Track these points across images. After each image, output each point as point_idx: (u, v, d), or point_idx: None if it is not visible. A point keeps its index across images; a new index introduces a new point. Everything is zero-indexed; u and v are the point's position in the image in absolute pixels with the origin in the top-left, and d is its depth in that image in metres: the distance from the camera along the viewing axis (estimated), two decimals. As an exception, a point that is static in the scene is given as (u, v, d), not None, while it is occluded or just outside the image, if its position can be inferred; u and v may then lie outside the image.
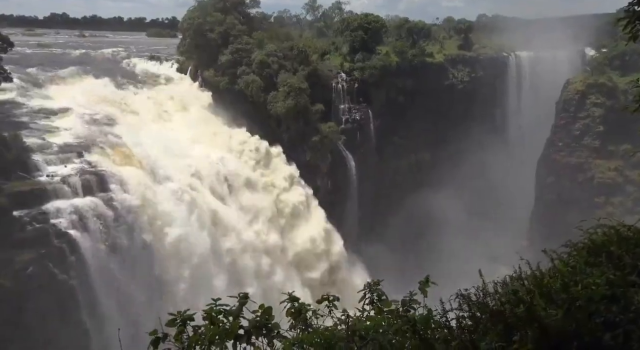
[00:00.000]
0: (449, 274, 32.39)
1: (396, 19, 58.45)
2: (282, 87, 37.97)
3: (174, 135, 33.76)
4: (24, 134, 26.24)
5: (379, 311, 4.73)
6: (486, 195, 48.17)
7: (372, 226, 42.10)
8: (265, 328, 4.16)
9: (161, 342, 3.77)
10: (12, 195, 22.63)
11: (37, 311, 21.60)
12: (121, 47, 55.19)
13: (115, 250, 24.79)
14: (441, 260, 40.53)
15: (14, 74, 28.19)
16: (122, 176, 26.62)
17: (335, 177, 41.54)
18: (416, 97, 47.41)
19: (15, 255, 21.58)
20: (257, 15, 45.57)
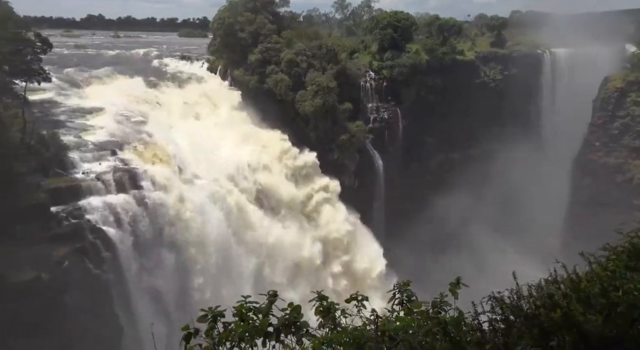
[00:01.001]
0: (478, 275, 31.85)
1: (426, 17, 57.68)
2: (310, 85, 38.04)
3: (203, 134, 34.30)
4: (61, 132, 27.15)
5: (409, 312, 4.66)
6: (518, 195, 47.00)
7: (400, 226, 41.66)
8: (294, 326, 4.16)
9: (193, 338, 3.81)
10: (50, 192, 23.46)
11: (73, 304, 22.33)
12: (154, 47, 56.52)
13: (146, 246, 25.40)
14: (471, 261, 39.84)
15: (53, 74, 29.23)
16: (153, 174, 27.23)
17: (363, 176, 41.37)
18: (446, 95, 46.68)
19: (52, 250, 22.37)
20: (286, 15, 45.80)
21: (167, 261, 26.31)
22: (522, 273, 5.06)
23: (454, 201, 43.66)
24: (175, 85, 39.50)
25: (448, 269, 37.00)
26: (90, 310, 22.92)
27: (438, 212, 43.44)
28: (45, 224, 22.63)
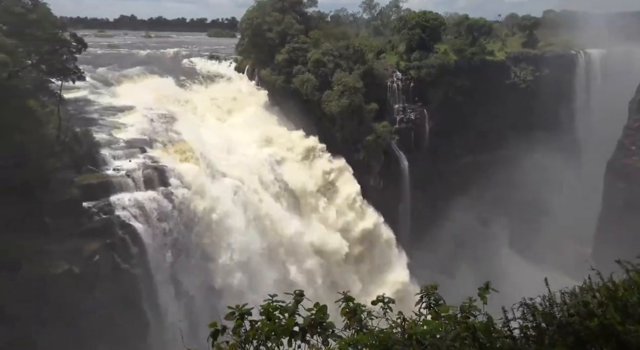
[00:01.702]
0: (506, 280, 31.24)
1: (455, 17, 56.94)
2: (336, 86, 38.01)
3: (230, 133, 34.69)
4: (93, 129, 27.85)
5: (436, 316, 4.59)
6: (548, 198, 45.86)
7: (425, 227, 41.21)
8: (320, 326, 4.15)
9: (220, 335, 3.85)
10: (83, 188, 24.11)
11: (102, 298, 22.91)
12: (183, 47, 57.42)
13: (173, 242, 25.84)
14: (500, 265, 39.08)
15: (87, 73, 30.07)
16: (180, 171, 27.67)
17: (388, 177, 41.09)
18: (475, 96, 45.94)
19: (84, 244, 23.00)
20: (314, 15, 45.88)
21: (193, 257, 26.70)
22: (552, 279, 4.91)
23: (481, 203, 42.96)
24: (204, 85, 40.07)
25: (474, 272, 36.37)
26: (118, 304, 23.45)
27: (464, 214, 42.81)
28: (77, 219, 23.27)
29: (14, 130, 21.15)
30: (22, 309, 20.11)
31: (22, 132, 21.57)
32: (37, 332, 20.42)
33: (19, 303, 20.10)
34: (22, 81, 23.12)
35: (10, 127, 20.99)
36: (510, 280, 33.66)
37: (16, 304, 20.01)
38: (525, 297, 4.41)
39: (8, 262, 20.26)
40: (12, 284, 20.21)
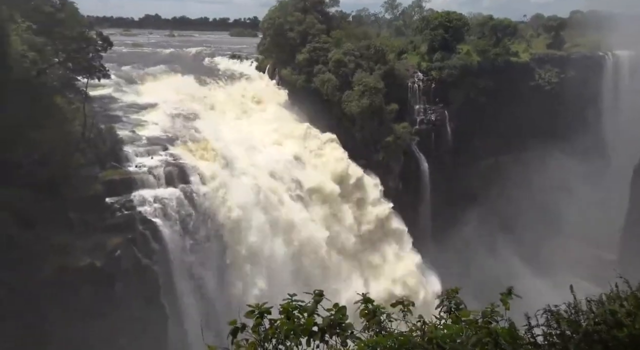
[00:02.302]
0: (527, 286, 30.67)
1: (479, 17, 56.20)
2: (357, 86, 37.90)
3: (251, 131, 34.93)
4: (117, 127, 28.42)
5: (457, 320, 4.53)
6: (571, 202, 44.80)
7: (445, 229, 40.76)
8: (339, 327, 4.13)
9: (240, 332, 3.87)
10: (106, 184, 24.61)
11: (123, 292, 23.35)
12: (205, 46, 58.06)
13: (192, 239, 26.17)
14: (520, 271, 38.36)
15: (112, 72, 30.60)
16: (201, 169, 28.00)
17: (408, 178, 40.81)
18: (498, 98, 45.23)
19: (106, 239, 23.46)
20: (335, 14, 45.84)
21: (211, 254, 26.98)
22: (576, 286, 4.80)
23: (502, 206, 42.28)
24: (225, 84, 40.44)
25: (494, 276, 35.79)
26: (138, 298, 23.87)
27: (485, 217, 42.20)
28: (100, 215, 23.73)
29: (41, 126, 21.68)
30: (44, 302, 20.57)
31: (49, 128, 22.10)
32: (58, 324, 20.88)
33: (41, 296, 20.56)
34: (49, 78, 23.70)
35: (38, 124, 21.54)
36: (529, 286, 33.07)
37: (39, 296, 20.48)
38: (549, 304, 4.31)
39: (33, 255, 20.76)
40: (37, 277, 20.69)
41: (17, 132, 20.68)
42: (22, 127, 20.84)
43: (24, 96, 21.21)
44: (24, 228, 20.53)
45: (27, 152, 21.13)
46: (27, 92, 21.55)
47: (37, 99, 22.08)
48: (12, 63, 21.22)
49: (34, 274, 20.63)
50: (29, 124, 21.12)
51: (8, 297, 19.85)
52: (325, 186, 34.43)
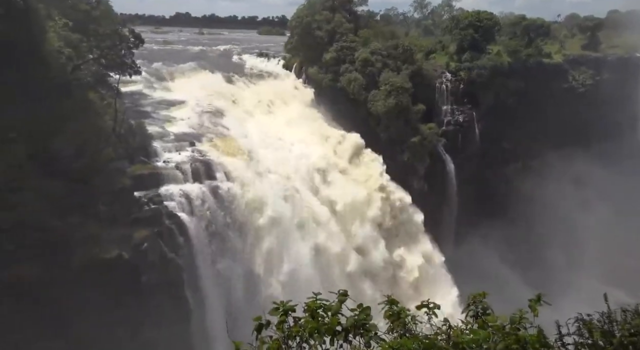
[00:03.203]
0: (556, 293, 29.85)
1: (511, 17, 55.01)
2: (384, 85, 37.67)
3: (277, 129, 35.11)
4: (147, 122, 28.99)
5: (483, 325, 4.44)
6: (604, 209, 43.39)
7: (470, 233, 40.09)
8: (363, 328, 4.11)
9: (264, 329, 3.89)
10: (135, 178, 25.12)
11: (149, 285, 23.83)
12: (234, 44, 58.67)
13: (217, 234, 26.49)
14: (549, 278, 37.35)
15: (143, 68, 31.26)
16: (227, 165, 28.32)
17: (433, 180, 40.31)
18: (528, 99, 44.24)
19: (134, 232, 23.98)
20: (363, 14, 45.67)
21: (235, 249, 27.27)
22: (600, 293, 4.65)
23: (529, 210, 41.32)
24: (252, 81, 40.76)
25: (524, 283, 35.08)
26: (163, 291, 24.31)
27: (512, 221, 41.33)
28: (128, 208, 24.25)
29: (75, 120, 22.32)
30: (74, 291, 21.12)
31: (82, 123, 22.74)
32: (85, 313, 21.42)
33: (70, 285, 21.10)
34: (84, 74, 24.35)
35: (72, 118, 22.18)
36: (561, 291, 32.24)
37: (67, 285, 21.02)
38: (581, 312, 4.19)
39: (64, 245, 21.41)
40: (67, 266, 21.32)
41: (53, 125, 21.35)
42: (58, 121, 21.50)
43: (59, 91, 21.88)
44: (57, 218, 21.18)
45: (62, 145, 21.76)
46: (63, 87, 22.22)
47: (72, 94, 22.74)
48: (49, 59, 21.91)
49: (65, 263, 21.26)
50: (64, 118, 21.76)
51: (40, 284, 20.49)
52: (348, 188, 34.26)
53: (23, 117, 20.23)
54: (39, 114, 20.70)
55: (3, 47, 19.71)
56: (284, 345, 3.81)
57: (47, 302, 20.51)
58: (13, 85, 19.99)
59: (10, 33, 19.82)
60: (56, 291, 20.60)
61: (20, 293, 20.01)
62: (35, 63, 20.98)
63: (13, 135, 20.03)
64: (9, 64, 19.96)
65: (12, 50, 20.09)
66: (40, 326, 20.15)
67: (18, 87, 20.12)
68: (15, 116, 20.02)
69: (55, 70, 21.99)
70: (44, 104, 20.93)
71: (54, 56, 22.14)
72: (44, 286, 20.47)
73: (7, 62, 19.99)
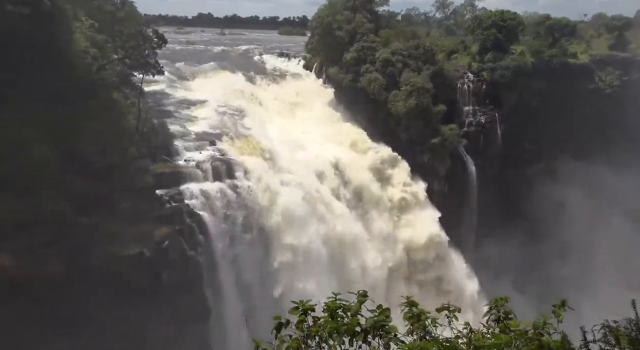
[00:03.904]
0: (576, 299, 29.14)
1: (535, 16, 54.00)
2: (404, 86, 37.43)
3: (296, 129, 35.24)
4: (168, 121, 29.39)
5: (505, 330, 4.36)
6: (630, 215, 42.22)
7: (492, 235, 39.48)
8: (382, 329, 4.08)
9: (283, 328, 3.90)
10: (157, 176, 25.50)
11: (169, 282, 24.12)
12: (255, 45, 59.05)
13: (236, 233, 26.69)
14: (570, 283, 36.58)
15: (165, 68, 31.69)
16: (246, 165, 28.51)
17: (454, 181, 39.86)
18: (552, 100, 43.36)
19: (155, 229, 24.30)
20: (384, 14, 45.44)
21: (254, 248, 27.43)
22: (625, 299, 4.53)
23: (550, 213, 40.48)
24: (272, 81, 40.98)
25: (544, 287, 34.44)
26: (182, 289, 24.58)
27: (532, 224, 40.59)
28: (150, 206, 24.60)
29: (99, 119, 22.78)
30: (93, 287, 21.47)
31: (107, 121, 23.19)
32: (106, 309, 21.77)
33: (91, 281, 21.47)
34: (108, 74, 24.83)
35: (96, 117, 22.63)
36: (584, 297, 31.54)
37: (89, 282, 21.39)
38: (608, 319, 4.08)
39: (87, 241, 21.82)
40: (88, 264, 21.70)
41: (78, 124, 21.82)
42: (83, 120, 21.96)
43: (84, 91, 22.36)
44: (80, 214, 21.61)
45: (87, 143, 22.21)
46: (88, 87, 22.70)
47: (97, 94, 23.21)
48: (75, 59, 22.42)
49: (87, 260, 21.67)
50: (89, 117, 22.22)
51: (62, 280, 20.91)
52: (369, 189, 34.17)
53: (49, 115, 20.73)
54: (65, 113, 21.19)
55: (31, 47, 20.23)
56: (303, 345, 3.81)
57: (68, 298, 20.84)
58: (40, 85, 20.49)
59: (38, 33, 20.33)
60: (77, 287, 20.95)
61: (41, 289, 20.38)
62: (62, 63, 21.48)
63: (39, 134, 20.54)
64: (36, 64, 20.47)
65: (40, 50, 20.59)
66: (60, 322, 20.48)
67: (45, 86, 20.63)
68: (42, 115, 20.53)
69: (81, 70, 22.49)
70: (69, 103, 21.42)
71: (80, 56, 22.64)
72: (65, 282, 20.85)
73: (35, 61, 20.50)
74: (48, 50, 20.93)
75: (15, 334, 19.09)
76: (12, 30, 19.46)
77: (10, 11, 19.42)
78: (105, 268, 21.81)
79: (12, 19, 19.50)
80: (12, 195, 19.43)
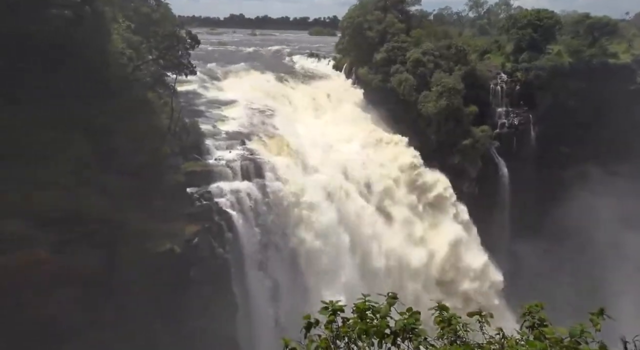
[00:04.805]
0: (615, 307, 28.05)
1: (574, 15, 52.32)
2: (435, 86, 36.94)
3: (325, 130, 35.25)
4: (200, 121, 29.91)
5: (539, 337, 4.24)
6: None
7: (524, 239, 38.47)
8: (412, 332, 4.03)
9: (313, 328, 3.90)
10: (188, 174, 26.00)
11: (197, 279, 24.52)
12: (285, 45, 59.45)
13: (264, 231, 26.93)
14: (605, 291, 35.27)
15: (198, 68, 32.30)
16: (275, 164, 28.70)
17: (485, 184, 39.07)
18: (590, 102, 41.94)
19: (185, 227, 24.78)
20: (416, 13, 44.95)
21: (281, 247, 27.60)
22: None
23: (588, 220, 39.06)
24: (302, 82, 41.16)
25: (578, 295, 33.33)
26: (210, 285, 24.95)
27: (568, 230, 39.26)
28: (181, 203, 25.11)
29: (134, 119, 23.37)
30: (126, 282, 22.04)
31: (141, 121, 23.77)
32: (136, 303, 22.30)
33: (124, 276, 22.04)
34: (143, 74, 25.46)
35: (131, 116, 23.23)
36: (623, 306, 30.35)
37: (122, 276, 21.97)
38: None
39: (120, 238, 22.42)
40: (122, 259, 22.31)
41: (114, 123, 22.44)
42: (119, 118, 22.57)
43: (120, 90, 22.99)
44: (115, 211, 22.22)
45: (122, 141, 22.82)
46: (124, 87, 23.33)
47: (132, 94, 23.83)
48: (111, 60, 23.07)
49: (120, 255, 22.29)
50: (125, 116, 22.82)
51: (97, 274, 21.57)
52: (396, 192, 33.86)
53: (86, 115, 21.41)
54: (101, 112, 21.84)
55: (71, 48, 20.93)
56: (332, 345, 3.80)
57: (103, 292, 21.52)
58: (78, 85, 21.18)
59: (79, 35, 21.02)
60: (112, 281, 21.59)
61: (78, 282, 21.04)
62: (100, 64, 22.14)
63: (78, 133, 21.24)
64: (75, 64, 21.16)
65: (80, 51, 21.29)
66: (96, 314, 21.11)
67: (84, 86, 21.31)
68: (79, 114, 21.22)
69: (117, 71, 23.12)
70: (106, 102, 22.06)
71: (117, 57, 23.28)
72: (101, 276, 21.52)
73: (74, 62, 21.20)
74: (87, 51, 21.61)
75: (51, 325, 19.78)
76: (55, 33, 20.18)
77: (55, 14, 20.14)
78: (138, 263, 22.35)
79: (56, 22, 20.22)
80: (53, 192, 20.13)
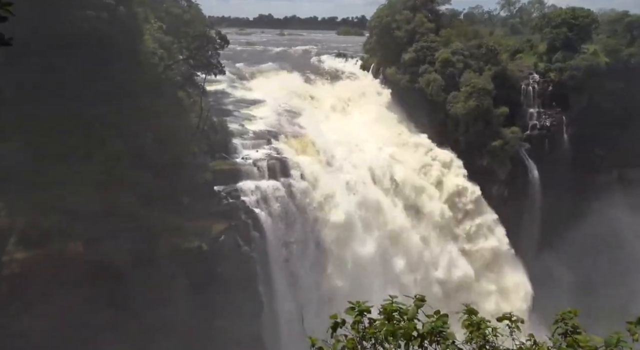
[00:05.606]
0: None
1: (611, 13, 50.52)
2: (464, 87, 36.35)
3: (351, 129, 35.16)
4: (228, 120, 30.31)
5: (572, 344, 4.11)
6: None
7: (554, 245, 37.41)
8: (440, 335, 3.97)
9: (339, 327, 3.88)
10: (215, 172, 26.41)
11: (224, 276, 24.79)
12: (313, 45, 59.51)
13: (289, 230, 27.07)
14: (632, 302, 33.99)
15: (227, 68, 32.72)
16: (301, 164, 28.84)
17: (514, 186, 38.15)
18: (628, 103, 40.41)
19: (212, 224, 25.14)
20: (446, 13, 44.29)
21: (306, 246, 27.70)
22: None
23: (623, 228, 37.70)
24: (329, 81, 41.14)
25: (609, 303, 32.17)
26: (236, 283, 25.19)
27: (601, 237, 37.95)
28: (208, 201, 25.51)
29: (165, 117, 23.87)
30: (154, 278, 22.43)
31: (171, 119, 24.26)
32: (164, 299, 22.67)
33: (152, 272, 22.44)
34: (174, 74, 25.99)
35: (162, 115, 23.74)
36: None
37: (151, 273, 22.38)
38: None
39: (150, 234, 22.88)
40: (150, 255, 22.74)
41: (145, 121, 22.99)
42: (150, 117, 23.11)
43: (152, 89, 23.51)
44: (144, 208, 22.74)
45: (153, 139, 23.34)
46: (155, 86, 23.85)
47: (163, 93, 24.35)
48: (143, 60, 23.62)
49: (149, 252, 22.74)
50: (155, 114, 23.34)
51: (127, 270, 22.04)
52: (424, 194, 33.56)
53: (119, 113, 21.98)
54: (133, 110, 22.38)
55: (106, 48, 21.53)
56: (359, 346, 3.78)
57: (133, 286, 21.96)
58: (111, 83, 21.77)
59: (113, 36, 21.61)
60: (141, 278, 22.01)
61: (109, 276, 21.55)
62: (132, 63, 22.71)
63: (111, 131, 21.82)
64: (111, 64, 21.76)
65: (114, 51, 21.87)
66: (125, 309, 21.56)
67: (118, 85, 21.89)
68: (112, 112, 21.80)
69: (149, 70, 23.67)
70: (138, 101, 22.60)
71: (148, 57, 23.83)
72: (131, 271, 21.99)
73: (108, 62, 21.80)
74: (121, 51, 22.18)
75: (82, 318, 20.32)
76: (91, 33, 20.80)
77: (91, 15, 20.76)
78: (166, 260, 22.79)
79: (92, 22, 20.84)
80: (88, 188, 20.75)
